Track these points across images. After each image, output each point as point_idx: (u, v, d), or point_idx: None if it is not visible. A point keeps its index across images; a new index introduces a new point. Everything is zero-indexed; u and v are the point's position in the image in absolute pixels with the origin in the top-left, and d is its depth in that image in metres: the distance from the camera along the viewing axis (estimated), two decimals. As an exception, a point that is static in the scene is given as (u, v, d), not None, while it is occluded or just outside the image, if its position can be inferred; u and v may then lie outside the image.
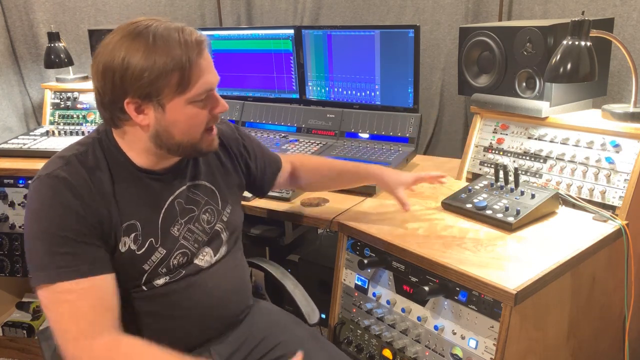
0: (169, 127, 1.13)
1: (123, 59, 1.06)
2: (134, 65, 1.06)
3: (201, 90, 1.12)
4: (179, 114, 1.12)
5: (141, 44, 1.06)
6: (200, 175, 1.32)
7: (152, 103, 1.10)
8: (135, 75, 1.06)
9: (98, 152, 1.17)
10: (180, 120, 1.13)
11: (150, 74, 1.06)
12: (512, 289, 1.16)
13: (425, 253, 1.34)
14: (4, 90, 2.74)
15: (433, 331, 1.34)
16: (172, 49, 1.07)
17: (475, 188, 1.64)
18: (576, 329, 1.41)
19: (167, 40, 1.07)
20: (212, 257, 1.31)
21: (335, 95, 2.24)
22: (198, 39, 1.11)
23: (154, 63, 1.06)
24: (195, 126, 1.15)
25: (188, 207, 1.27)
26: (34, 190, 1.12)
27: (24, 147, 2.25)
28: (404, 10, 2.39)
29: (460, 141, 2.37)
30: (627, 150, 1.50)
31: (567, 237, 1.39)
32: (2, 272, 2.24)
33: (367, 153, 2.02)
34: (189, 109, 1.12)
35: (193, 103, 1.12)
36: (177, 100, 1.10)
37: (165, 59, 1.06)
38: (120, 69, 1.06)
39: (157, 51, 1.06)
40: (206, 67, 1.12)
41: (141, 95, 1.08)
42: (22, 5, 2.74)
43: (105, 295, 1.10)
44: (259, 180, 1.51)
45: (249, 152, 1.47)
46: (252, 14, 2.78)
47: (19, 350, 2.39)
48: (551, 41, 1.58)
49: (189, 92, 1.10)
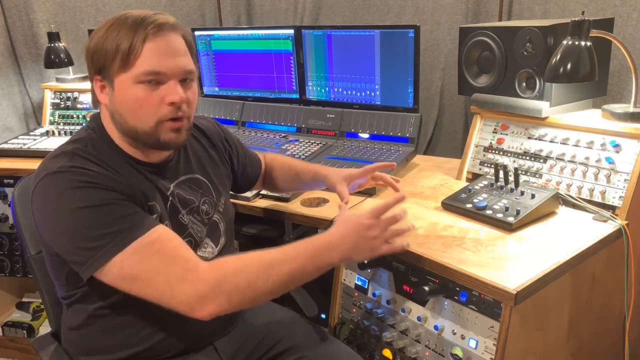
0: (118, 107, 1.14)
1: (92, 39, 1.14)
2: (94, 42, 1.13)
3: (143, 69, 1.10)
4: (125, 92, 1.12)
5: (107, 25, 1.13)
6: (193, 169, 1.33)
7: (106, 80, 1.14)
8: (94, 51, 1.13)
9: (95, 143, 1.17)
10: (127, 100, 1.13)
11: (102, 49, 1.11)
12: (512, 289, 1.16)
13: (425, 253, 1.34)
14: (4, 90, 2.74)
15: (433, 331, 1.34)
16: (124, 28, 1.11)
17: (475, 188, 1.64)
18: (576, 329, 1.41)
19: (125, 20, 1.12)
20: (213, 248, 1.32)
21: (335, 95, 2.24)
22: (157, 23, 1.12)
23: (106, 39, 1.11)
24: (144, 110, 1.13)
25: (189, 198, 1.29)
26: (49, 187, 1.07)
27: (24, 147, 2.25)
28: (404, 10, 2.39)
29: (460, 141, 2.37)
30: (627, 150, 1.50)
31: (567, 237, 1.39)
32: (2, 272, 2.24)
33: (367, 153, 2.02)
34: (135, 89, 1.12)
35: (140, 84, 1.11)
36: (122, 77, 1.12)
37: (116, 35, 1.10)
38: (92, 45, 1.14)
39: (112, 29, 1.12)
40: (157, 50, 1.11)
41: (98, 71, 1.14)
42: (22, 5, 2.74)
43: (176, 237, 1.11)
44: (239, 177, 1.54)
45: (231, 146, 1.50)
46: (252, 14, 2.78)
47: (19, 350, 2.39)
48: (551, 41, 1.58)
49: (130, 70, 1.11)
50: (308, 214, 1.66)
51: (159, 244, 1.07)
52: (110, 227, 1.05)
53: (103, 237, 1.04)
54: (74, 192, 1.06)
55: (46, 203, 1.08)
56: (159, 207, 1.19)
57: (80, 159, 1.11)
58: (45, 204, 1.08)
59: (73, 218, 1.05)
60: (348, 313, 1.57)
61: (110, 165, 1.14)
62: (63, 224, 1.07)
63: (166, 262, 1.05)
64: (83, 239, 1.05)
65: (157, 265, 1.05)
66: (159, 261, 1.05)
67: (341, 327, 1.58)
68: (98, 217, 1.05)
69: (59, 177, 1.07)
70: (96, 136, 1.19)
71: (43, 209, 1.09)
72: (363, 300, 1.53)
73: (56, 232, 1.09)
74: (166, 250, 1.06)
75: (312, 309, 1.50)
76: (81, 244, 1.05)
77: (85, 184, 1.06)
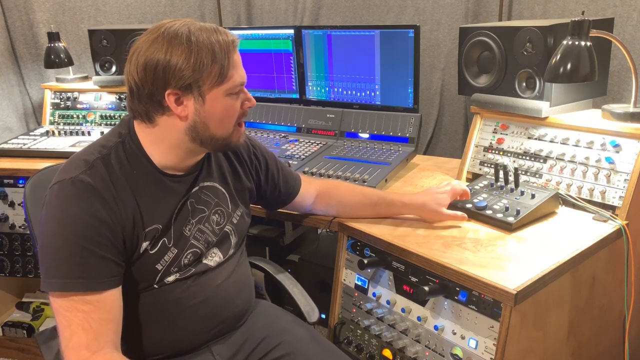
0: (206, 118, 1.19)
1: (166, 53, 1.13)
2: (176, 58, 1.12)
3: (237, 82, 1.20)
4: (217, 104, 1.18)
5: (183, 40, 1.13)
6: (212, 177, 1.34)
7: (192, 94, 1.16)
8: (178, 68, 1.12)
9: (121, 154, 1.19)
10: (217, 112, 1.19)
11: (194, 67, 1.13)
12: (512, 289, 1.16)
13: (425, 253, 1.34)
14: (4, 90, 2.74)
15: (433, 331, 1.34)
16: (213, 45, 1.15)
17: (475, 188, 1.64)
18: (576, 329, 1.41)
19: (207, 37, 1.16)
20: (220, 258, 1.32)
21: (335, 95, 2.24)
22: (233, 38, 1.21)
23: (197, 56, 1.13)
24: (229, 118, 1.22)
25: (199, 207, 1.29)
26: (57, 195, 1.12)
27: (24, 147, 2.25)
28: (404, 10, 2.39)
29: (460, 141, 2.37)
30: (627, 150, 1.49)
31: (567, 237, 1.40)
32: (2, 272, 2.24)
33: (367, 153, 2.02)
34: (226, 101, 1.19)
35: (229, 95, 1.19)
36: (215, 91, 1.17)
37: (206, 52, 1.14)
38: (163, 62, 1.12)
39: (199, 45, 1.14)
40: (239, 62, 1.22)
41: (182, 87, 1.14)
42: (22, 5, 2.74)
43: (113, 310, 1.13)
44: (269, 194, 1.51)
45: (259, 160, 1.48)
46: (252, 14, 2.78)
47: (19, 350, 2.39)
48: (551, 41, 1.58)
49: (226, 84, 1.18)
50: (308, 214, 1.66)
51: (91, 307, 1.09)
52: (71, 266, 1.09)
53: (62, 270, 1.09)
54: (68, 218, 1.10)
55: (47, 209, 1.13)
56: (161, 225, 1.21)
57: (97, 172, 1.14)
58: (47, 210, 1.13)
59: (55, 239, 1.10)
60: (348, 313, 1.57)
61: (125, 183, 1.17)
62: (47, 236, 1.12)
63: (81, 325, 1.08)
64: (52, 259, 1.10)
65: (73, 322, 1.08)
66: (77, 321, 1.08)
67: (341, 327, 1.58)
68: (70, 254, 1.09)
69: (67, 190, 1.12)
70: (125, 144, 1.21)
71: (45, 211, 1.14)
72: (363, 300, 1.53)
73: (39, 234, 1.15)
74: (90, 317, 1.08)
75: (313, 314, 1.49)
76: (49, 262, 1.10)
77: (82, 214, 1.10)
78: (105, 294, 1.11)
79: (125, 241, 1.15)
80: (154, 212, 1.20)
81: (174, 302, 1.24)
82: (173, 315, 1.24)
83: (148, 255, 1.20)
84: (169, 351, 1.27)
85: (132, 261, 1.18)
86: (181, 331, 1.26)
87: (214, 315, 1.29)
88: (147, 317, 1.23)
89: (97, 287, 1.09)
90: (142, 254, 1.19)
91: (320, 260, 2.05)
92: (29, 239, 2.18)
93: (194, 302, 1.26)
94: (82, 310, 1.08)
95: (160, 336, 1.25)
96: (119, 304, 1.14)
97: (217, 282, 1.30)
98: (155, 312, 1.23)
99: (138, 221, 1.17)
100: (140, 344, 1.24)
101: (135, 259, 1.18)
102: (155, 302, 1.23)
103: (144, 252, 1.19)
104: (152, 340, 1.25)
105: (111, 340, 1.10)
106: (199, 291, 1.27)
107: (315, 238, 2.36)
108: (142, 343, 1.24)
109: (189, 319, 1.26)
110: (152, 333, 1.24)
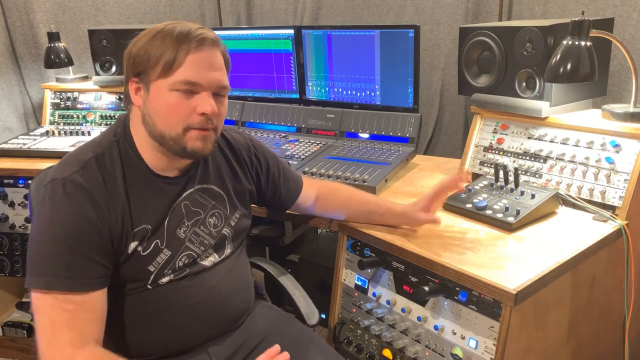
0: (150, 110, 1.18)
1: (135, 44, 1.18)
2: (138, 47, 1.17)
3: (181, 78, 1.14)
4: (160, 98, 1.16)
5: (154, 32, 1.17)
6: (209, 180, 1.33)
7: (143, 83, 1.18)
8: (134, 55, 1.17)
9: (115, 154, 1.20)
10: (160, 105, 1.17)
11: (145, 54, 1.15)
12: (512, 289, 1.16)
13: (425, 253, 1.34)
14: (4, 90, 2.74)
15: (433, 331, 1.34)
16: (170, 38, 1.15)
17: (475, 188, 1.64)
18: (576, 329, 1.41)
19: (171, 31, 1.16)
20: (216, 258, 1.32)
21: (335, 95, 2.24)
22: (201, 37, 1.16)
23: (151, 45, 1.15)
24: (174, 116, 1.17)
25: (194, 209, 1.29)
26: (48, 194, 1.12)
27: (24, 147, 2.25)
28: (404, 10, 2.39)
29: (460, 141, 2.38)
30: (627, 150, 1.49)
31: (567, 237, 1.40)
32: (2, 272, 2.24)
33: (367, 153, 2.02)
34: (170, 95, 1.16)
35: (174, 91, 1.15)
36: (159, 83, 1.15)
37: (161, 43, 1.15)
38: (129, 50, 1.19)
39: (157, 37, 1.16)
40: (198, 62, 1.16)
41: (136, 74, 1.18)
42: (22, 5, 2.74)
43: (97, 310, 1.13)
44: (269, 196, 1.51)
45: (260, 162, 1.47)
46: (252, 14, 2.78)
47: (19, 350, 2.39)
48: (551, 41, 1.58)
49: (170, 77, 1.15)
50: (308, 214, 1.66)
51: (76, 307, 1.08)
52: (57, 265, 1.08)
53: (47, 268, 1.08)
54: (58, 217, 1.10)
55: (39, 208, 1.14)
56: (151, 225, 1.21)
57: (89, 172, 1.15)
58: (39, 208, 1.14)
59: (43, 237, 1.11)
60: (348, 313, 1.57)
61: (117, 183, 1.17)
62: (36, 233, 1.12)
63: (66, 324, 1.07)
64: (39, 256, 1.10)
65: (57, 321, 1.07)
66: (62, 320, 1.07)
67: (341, 327, 1.58)
68: (57, 253, 1.09)
69: (59, 189, 1.12)
70: (120, 144, 1.21)
71: (37, 209, 1.15)
72: (363, 300, 1.53)
73: (30, 231, 1.16)
74: (76, 317, 1.08)
75: (313, 317, 1.48)
76: (36, 258, 1.10)
77: (71, 214, 1.10)
78: (91, 295, 1.11)
79: (113, 242, 1.15)
80: (144, 213, 1.20)
81: (168, 303, 1.23)
82: (168, 316, 1.24)
83: (139, 257, 1.19)
84: (164, 352, 1.26)
85: (121, 262, 1.18)
86: (177, 332, 1.25)
87: (210, 315, 1.29)
88: (142, 317, 1.23)
89: (81, 288, 1.09)
90: (133, 254, 1.18)
91: (320, 260, 2.05)
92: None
93: (189, 302, 1.25)
94: (67, 309, 1.08)
95: (156, 337, 1.24)
96: (104, 305, 1.14)
97: (212, 282, 1.29)
98: (150, 313, 1.23)
99: (127, 221, 1.17)
100: (135, 345, 1.24)
101: (125, 260, 1.18)
102: (150, 303, 1.22)
103: (134, 252, 1.18)
104: (147, 340, 1.24)
105: (95, 339, 1.10)
106: (194, 292, 1.26)
107: (315, 238, 2.37)
108: (137, 344, 1.24)
109: (185, 320, 1.25)
110: (148, 334, 1.24)
